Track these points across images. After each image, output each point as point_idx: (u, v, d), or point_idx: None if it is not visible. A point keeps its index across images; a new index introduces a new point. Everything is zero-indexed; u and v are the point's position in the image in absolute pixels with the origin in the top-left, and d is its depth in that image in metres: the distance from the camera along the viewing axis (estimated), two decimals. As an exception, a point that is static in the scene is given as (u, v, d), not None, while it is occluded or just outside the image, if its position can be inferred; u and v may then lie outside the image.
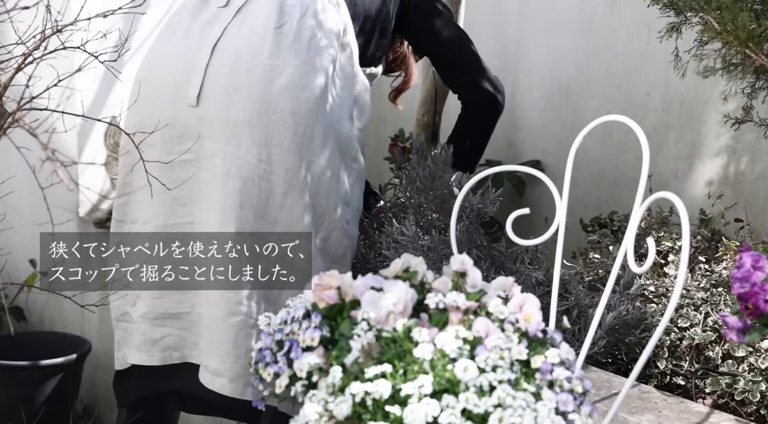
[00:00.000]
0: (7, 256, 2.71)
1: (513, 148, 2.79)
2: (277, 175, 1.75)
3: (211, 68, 1.75)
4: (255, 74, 1.75)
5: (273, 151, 1.74)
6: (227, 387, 1.74)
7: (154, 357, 1.84)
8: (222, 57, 1.77)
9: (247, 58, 1.77)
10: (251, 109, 1.74)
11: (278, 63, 1.76)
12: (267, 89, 1.75)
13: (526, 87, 2.75)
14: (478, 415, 1.02)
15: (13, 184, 1.91)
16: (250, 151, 1.73)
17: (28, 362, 2.53)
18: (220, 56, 1.77)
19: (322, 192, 1.80)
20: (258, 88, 1.75)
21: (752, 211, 2.16)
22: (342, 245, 1.86)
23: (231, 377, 1.74)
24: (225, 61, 1.77)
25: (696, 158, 2.29)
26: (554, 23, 2.65)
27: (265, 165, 1.74)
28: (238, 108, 1.74)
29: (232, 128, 1.72)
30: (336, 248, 1.85)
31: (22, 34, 1.39)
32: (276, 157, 1.74)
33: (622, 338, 1.74)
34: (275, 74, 1.76)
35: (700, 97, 2.26)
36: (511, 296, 1.20)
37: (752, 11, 1.56)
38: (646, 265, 1.22)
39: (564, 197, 1.38)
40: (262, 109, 1.74)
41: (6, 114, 1.26)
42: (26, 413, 2.44)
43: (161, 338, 1.83)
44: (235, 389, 1.74)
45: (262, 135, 1.73)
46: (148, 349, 1.84)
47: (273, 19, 1.80)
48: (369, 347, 1.09)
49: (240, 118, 1.73)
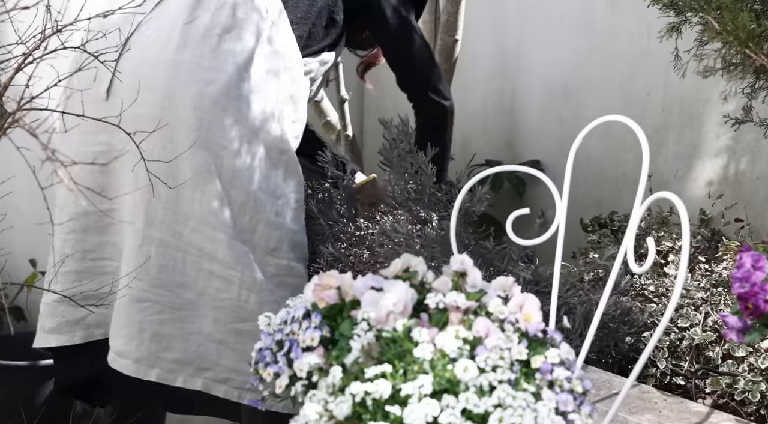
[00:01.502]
0: (7, 256, 2.71)
1: (513, 148, 2.79)
2: (183, 170, 1.76)
3: (120, 64, 1.75)
4: (159, 70, 1.79)
5: (178, 147, 1.76)
6: (131, 367, 1.81)
7: (76, 336, 1.92)
8: (130, 52, 1.80)
9: (152, 54, 1.80)
10: (155, 105, 1.77)
11: (182, 59, 1.79)
12: (170, 85, 1.78)
13: (526, 87, 2.75)
14: (478, 415, 1.02)
15: (13, 184, 1.91)
16: (156, 146, 1.75)
17: (28, 362, 2.53)
18: (128, 52, 1.80)
19: (239, 185, 1.80)
20: (161, 83, 1.78)
21: (752, 211, 2.16)
22: (273, 238, 1.85)
23: (135, 359, 1.80)
24: (132, 56, 1.79)
25: (696, 158, 2.29)
26: (554, 23, 2.65)
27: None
28: (143, 104, 1.76)
29: (139, 123, 1.70)
30: (266, 241, 1.84)
31: (22, 34, 1.39)
32: (181, 152, 1.76)
33: (611, 337, 1.74)
34: (178, 70, 1.79)
35: (700, 97, 2.26)
36: (511, 296, 1.20)
37: (752, 11, 1.56)
38: (646, 265, 1.22)
39: (564, 197, 1.38)
40: (165, 104, 1.77)
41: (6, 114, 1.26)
42: (26, 413, 2.44)
43: (83, 318, 1.90)
44: (139, 370, 1.81)
45: (166, 130, 1.75)
46: (69, 329, 1.91)
47: (185, 14, 1.83)
48: (369, 347, 1.09)
49: (145, 113, 1.76)
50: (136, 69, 1.78)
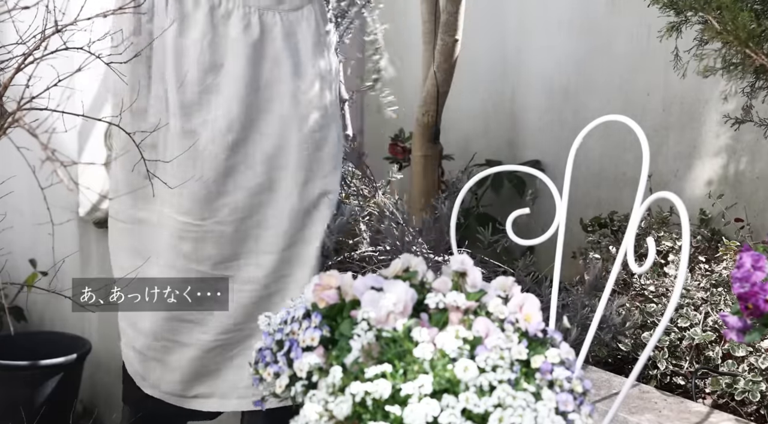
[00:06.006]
0: (7, 256, 2.71)
1: (513, 148, 2.79)
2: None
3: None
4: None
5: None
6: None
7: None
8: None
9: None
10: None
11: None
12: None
13: (526, 87, 2.75)
14: (478, 415, 1.02)
15: (13, 184, 1.91)
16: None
17: (28, 362, 2.53)
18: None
19: None
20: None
21: (752, 211, 2.16)
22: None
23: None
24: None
25: (696, 158, 2.29)
26: (554, 23, 2.65)
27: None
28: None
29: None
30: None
31: (22, 34, 1.39)
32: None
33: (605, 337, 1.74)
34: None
35: (700, 97, 2.26)
36: (511, 295, 1.20)
37: (752, 11, 1.56)
38: (646, 265, 1.22)
39: (564, 197, 1.38)
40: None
41: (6, 114, 1.26)
42: (26, 413, 2.44)
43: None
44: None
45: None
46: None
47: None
48: (369, 347, 1.09)
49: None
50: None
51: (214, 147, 1.79)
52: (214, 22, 1.79)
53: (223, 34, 1.80)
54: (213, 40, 1.79)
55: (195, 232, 1.80)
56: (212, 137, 1.79)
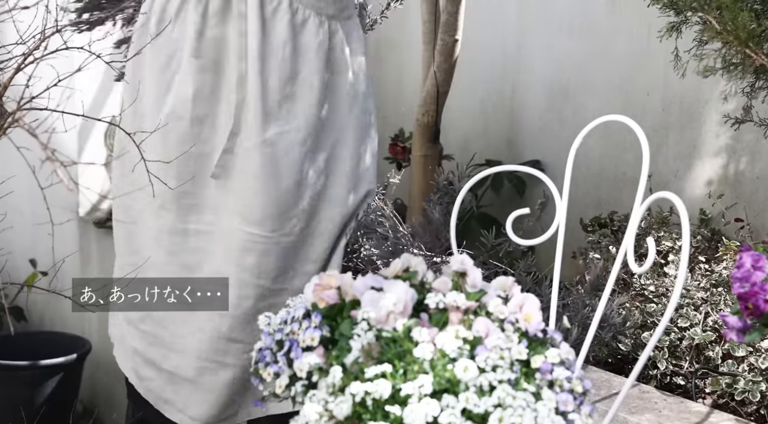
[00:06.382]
0: (7, 256, 2.71)
1: (513, 148, 2.79)
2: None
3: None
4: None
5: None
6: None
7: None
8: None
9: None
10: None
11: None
12: None
13: (526, 87, 2.75)
14: (478, 415, 1.02)
15: (13, 184, 1.91)
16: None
17: (28, 362, 2.53)
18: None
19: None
20: None
21: (752, 211, 2.16)
22: None
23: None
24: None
25: (696, 158, 2.29)
26: (554, 23, 2.65)
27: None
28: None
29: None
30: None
31: (22, 33, 1.38)
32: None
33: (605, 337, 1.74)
34: None
35: (700, 97, 2.26)
36: (511, 295, 1.20)
37: (752, 11, 1.56)
38: (646, 265, 1.22)
39: (564, 197, 1.38)
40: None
41: (6, 114, 1.26)
42: (26, 413, 2.44)
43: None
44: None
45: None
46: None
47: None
48: (369, 347, 1.09)
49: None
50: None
51: (289, 157, 1.76)
52: (295, 30, 1.77)
53: (301, 42, 1.78)
54: (294, 48, 1.77)
55: (263, 243, 1.76)
56: (289, 146, 1.75)
